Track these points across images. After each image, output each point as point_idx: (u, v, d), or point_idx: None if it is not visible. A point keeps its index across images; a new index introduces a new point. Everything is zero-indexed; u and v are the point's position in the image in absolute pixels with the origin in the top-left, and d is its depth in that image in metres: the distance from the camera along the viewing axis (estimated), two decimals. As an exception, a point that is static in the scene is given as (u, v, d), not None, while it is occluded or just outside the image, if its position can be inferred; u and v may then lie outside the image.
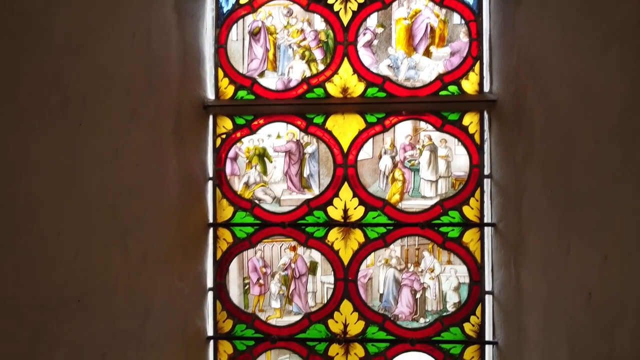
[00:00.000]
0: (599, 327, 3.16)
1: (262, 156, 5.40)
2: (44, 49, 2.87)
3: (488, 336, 4.96)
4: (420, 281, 5.27)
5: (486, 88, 4.97)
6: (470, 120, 4.99)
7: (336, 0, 5.11)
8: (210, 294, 5.16)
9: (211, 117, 5.19)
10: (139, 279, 3.97)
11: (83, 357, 3.17)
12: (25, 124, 2.71)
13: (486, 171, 4.96)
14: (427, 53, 5.20)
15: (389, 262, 5.32)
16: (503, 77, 4.77)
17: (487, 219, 4.95)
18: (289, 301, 5.39)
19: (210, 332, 5.16)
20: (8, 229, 2.56)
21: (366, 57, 5.18)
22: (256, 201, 5.25)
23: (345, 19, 5.12)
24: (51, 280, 2.90)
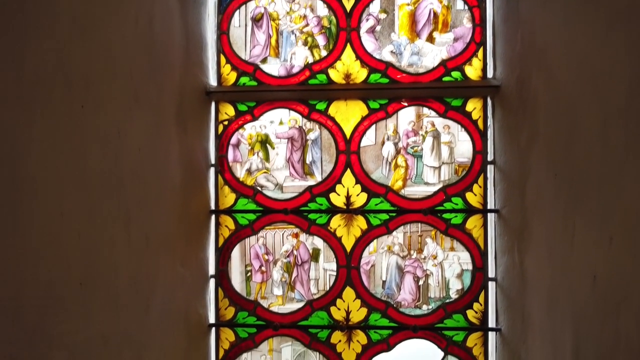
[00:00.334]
0: (604, 311, 3.14)
1: (265, 143, 5.37)
2: (48, 32, 2.86)
3: (491, 323, 4.96)
4: (423, 268, 5.26)
5: (490, 74, 4.95)
6: (473, 106, 4.98)
7: (339, -14, 5.09)
8: (212, 281, 5.16)
9: (213, 104, 5.17)
10: (141, 265, 3.95)
11: (84, 342, 3.16)
12: (28, 106, 2.69)
13: (489, 157, 4.95)
14: (430, 39, 5.17)
15: (392, 249, 5.31)
16: (507, 63, 4.75)
17: (490, 205, 4.95)
18: (291, 288, 5.38)
19: (212, 320, 5.16)
20: (10, 211, 2.55)
21: (369, 43, 5.16)
22: (258, 188, 5.23)
23: (348, 5, 5.10)
24: (54, 262, 2.89)
